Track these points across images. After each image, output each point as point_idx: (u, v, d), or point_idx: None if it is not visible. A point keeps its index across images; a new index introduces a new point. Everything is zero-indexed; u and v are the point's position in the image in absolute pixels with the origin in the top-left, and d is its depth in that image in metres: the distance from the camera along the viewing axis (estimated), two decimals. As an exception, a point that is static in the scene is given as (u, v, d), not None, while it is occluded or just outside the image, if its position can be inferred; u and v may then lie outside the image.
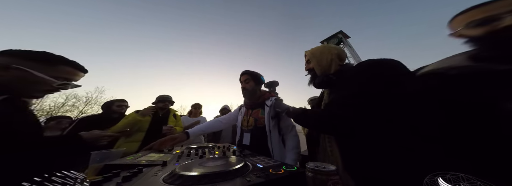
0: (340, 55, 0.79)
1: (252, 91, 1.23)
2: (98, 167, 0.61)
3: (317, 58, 0.80)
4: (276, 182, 0.39)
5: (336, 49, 0.80)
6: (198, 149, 0.87)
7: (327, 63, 0.78)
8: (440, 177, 0.36)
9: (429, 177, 0.37)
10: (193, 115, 2.70)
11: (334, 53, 0.78)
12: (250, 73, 1.26)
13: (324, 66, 0.78)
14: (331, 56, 0.77)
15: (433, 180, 0.36)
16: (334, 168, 0.40)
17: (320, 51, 0.81)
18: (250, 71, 1.28)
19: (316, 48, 0.84)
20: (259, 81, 1.26)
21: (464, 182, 0.33)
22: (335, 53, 0.77)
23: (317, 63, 0.80)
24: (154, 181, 0.40)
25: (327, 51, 0.79)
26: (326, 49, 0.81)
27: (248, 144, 1.14)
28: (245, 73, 1.27)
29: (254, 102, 1.25)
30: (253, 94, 1.24)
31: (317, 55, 0.81)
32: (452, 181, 0.34)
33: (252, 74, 1.26)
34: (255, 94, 1.24)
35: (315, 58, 0.81)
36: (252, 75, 1.25)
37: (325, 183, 0.38)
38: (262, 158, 0.60)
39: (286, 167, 0.46)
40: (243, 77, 1.27)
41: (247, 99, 1.27)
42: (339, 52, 0.79)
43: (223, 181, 0.37)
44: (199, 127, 1.26)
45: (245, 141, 1.17)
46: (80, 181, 0.52)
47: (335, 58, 0.78)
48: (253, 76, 1.25)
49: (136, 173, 0.44)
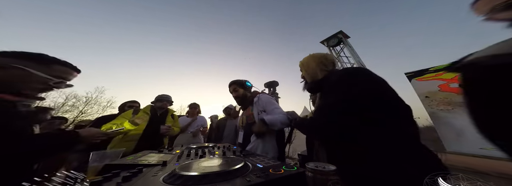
0: (324, 62, 0.87)
1: (243, 97, 1.37)
2: (98, 167, 0.61)
3: (305, 67, 0.92)
4: (276, 182, 0.39)
5: (319, 57, 0.89)
6: (198, 149, 0.87)
7: (313, 70, 0.87)
8: (440, 177, 0.36)
9: (429, 177, 0.37)
10: (190, 114, 2.69)
11: (317, 61, 0.87)
12: (235, 82, 1.40)
13: (311, 74, 0.89)
14: (315, 64, 0.87)
15: (433, 180, 0.36)
16: (334, 168, 0.40)
17: (307, 61, 0.92)
18: (235, 81, 1.43)
19: (304, 59, 0.95)
20: (245, 86, 1.41)
21: (464, 182, 0.33)
22: (318, 62, 0.87)
23: (306, 71, 0.92)
24: (154, 181, 0.40)
25: (311, 60, 0.90)
26: (311, 58, 0.91)
27: (241, 142, 1.22)
28: (232, 84, 1.41)
29: (246, 103, 1.38)
30: (245, 99, 1.38)
31: (305, 64, 0.93)
32: (452, 181, 0.34)
33: (237, 83, 1.40)
34: (246, 98, 1.38)
35: (304, 67, 0.93)
36: (238, 84, 1.39)
37: (325, 183, 0.38)
38: (262, 158, 0.60)
39: (286, 167, 0.46)
40: (231, 88, 1.40)
41: (242, 104, 1.41)
42: (321, 60, 0.87)
43: (223, 181, 0.37)
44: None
45: (239, 139, 1.27)
46: (80, 181, 0.52)
47: (320, 65, 0.86)
48: (239, 84, 1.39)
49: (136, 173, 0.44)
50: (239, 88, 1.37)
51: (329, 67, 0.87)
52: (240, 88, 1.37)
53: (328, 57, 0.90)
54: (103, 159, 0.66)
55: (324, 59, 0.88)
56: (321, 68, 0.85)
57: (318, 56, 0.90)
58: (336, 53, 5.98)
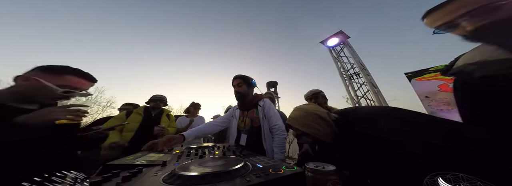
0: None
1: (245, 94, 1.31)
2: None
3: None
4: (276, 182, 0.39)
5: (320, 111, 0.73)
6: (198, 149, 0.87)
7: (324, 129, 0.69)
8: (440, 177, 0.36)
9: (429, 177, 0.37)
10: (191, 114, 2.68)
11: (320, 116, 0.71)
12: (242, 78, 1.33)
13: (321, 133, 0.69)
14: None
15: (433, 180, 0.36)
16: (333, 168, 0.40)
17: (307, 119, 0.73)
18: (242, 76, 1.35)
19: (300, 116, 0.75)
20: (250, 84, 1.34)
21: (464, 182, 0.33)
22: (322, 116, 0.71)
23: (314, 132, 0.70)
24: (154, 181, 0.40)
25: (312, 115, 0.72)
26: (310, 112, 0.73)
27: (244, 144, 1.18)
28: (238, 78, 1.34)
29: (248, 103, 1.33)
30: (246, 97, 1.32)
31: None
32: (452, 181, 0.34)
33: (244, 79, 1.33)
34: (247, 97, 1.32)
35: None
36: (244, 79, 1.32)
37: (325, 183, 0.38)
38: (262, 158, 0.60)
39: (286, 167, 0.46)
40: (235, 82, 1.33)
41: (241, 101, 1.35)
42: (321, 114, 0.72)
43: (223, 181, 0.37)
44: (196, 129, 1.29)
45: (241, 141, 1.21)
46: (80, 181, 0.52)
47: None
48: (245, 80, 1.32)
49: (136, 173, 0.44)
50: (244, 84, 1.31)
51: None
52: (245, 84, 1.32)
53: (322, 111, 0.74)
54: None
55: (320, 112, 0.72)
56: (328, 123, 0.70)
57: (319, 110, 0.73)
58: (336, 53, 5.98)
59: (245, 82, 1.31)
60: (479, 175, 0.33)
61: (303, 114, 0.75)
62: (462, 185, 0.33)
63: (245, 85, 1.31)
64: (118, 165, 0.57)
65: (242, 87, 1.30)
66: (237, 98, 1.33)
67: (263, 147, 1.12)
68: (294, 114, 0.78)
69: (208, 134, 1.53)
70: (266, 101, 1.30)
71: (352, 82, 5.51)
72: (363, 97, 5.20)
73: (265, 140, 1.13)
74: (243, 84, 1.31)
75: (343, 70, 5.73)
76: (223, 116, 1.54)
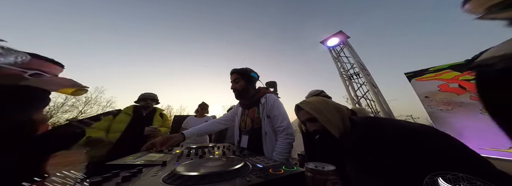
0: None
1: (243, 91, 1.14)
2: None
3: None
4: (276, 182, 0.39)
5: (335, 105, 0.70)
6: (198, 149, 0.87)
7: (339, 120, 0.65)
8: (440, 177, 0.36)
9: (429, 177, 0.37)
10: (199, 114, 2.67)
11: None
12: (239, 72, 1.15)
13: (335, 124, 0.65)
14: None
15: (433, 180, 0.36)
16: (333, 168, 0.40)
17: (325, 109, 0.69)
18: (239, 70, 1.17)
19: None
20: (249, 78, 1.16)
21: (464, 182, 0.33)
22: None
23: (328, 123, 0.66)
24: (154, 181, 0.40)
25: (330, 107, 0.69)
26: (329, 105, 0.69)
27: (245, 147, 1.08)
28: (234, 73, 1.17)
29: (249, 100, 1.17)
30: (245, 93, 1.15)
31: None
32: (452, 181, 0.34)
33: (241, 73, 1.15)
34: (247, 93, 1.15)
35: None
36: (242, 74, 1.15)
37: (324, 183, 0.38)
38: (262, 158, 0.60)
39: (286, 167, 0.46)
40: (232, 77, 1.17)
41: (240, 99, 1.20)
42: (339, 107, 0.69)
43: (223, 181, 0.37)
44: (197, 128, 1.22)
45: (243, 144, 1.12)
46: (80, 181, 0.52)
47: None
48: (243, 75, 1.15)
49: (136, 173, 0.44)
50: (241, 79, 1.14)
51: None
52: (242, 80, 1.14)
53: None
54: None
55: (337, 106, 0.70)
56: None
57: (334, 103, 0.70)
58: (336, 53, 5.98)
59: (242, 77, 1.14)
60: (479, 175, 0.33)
61: (321, 100, 0.72)
62: (462, 185, 0.33)
63: (242, 80, 1.14)
64: (118, 165, 0.57)
65: (239, 84, 1.14)
66: (236, 95, 1.18)
67: (264, 153, 0.98)
68: (311, 99, 0.75)
69: (211, 133, 1.42)
70: (269, 97, 1.10)
71: (352, 82, 5.51)
72: (363, 97, 5.20)
73: (266, 144, 0.98)
74: (241, 80, 1.14)
75: (343, 70, 5.73)
76: (227, 113, 1.43)
